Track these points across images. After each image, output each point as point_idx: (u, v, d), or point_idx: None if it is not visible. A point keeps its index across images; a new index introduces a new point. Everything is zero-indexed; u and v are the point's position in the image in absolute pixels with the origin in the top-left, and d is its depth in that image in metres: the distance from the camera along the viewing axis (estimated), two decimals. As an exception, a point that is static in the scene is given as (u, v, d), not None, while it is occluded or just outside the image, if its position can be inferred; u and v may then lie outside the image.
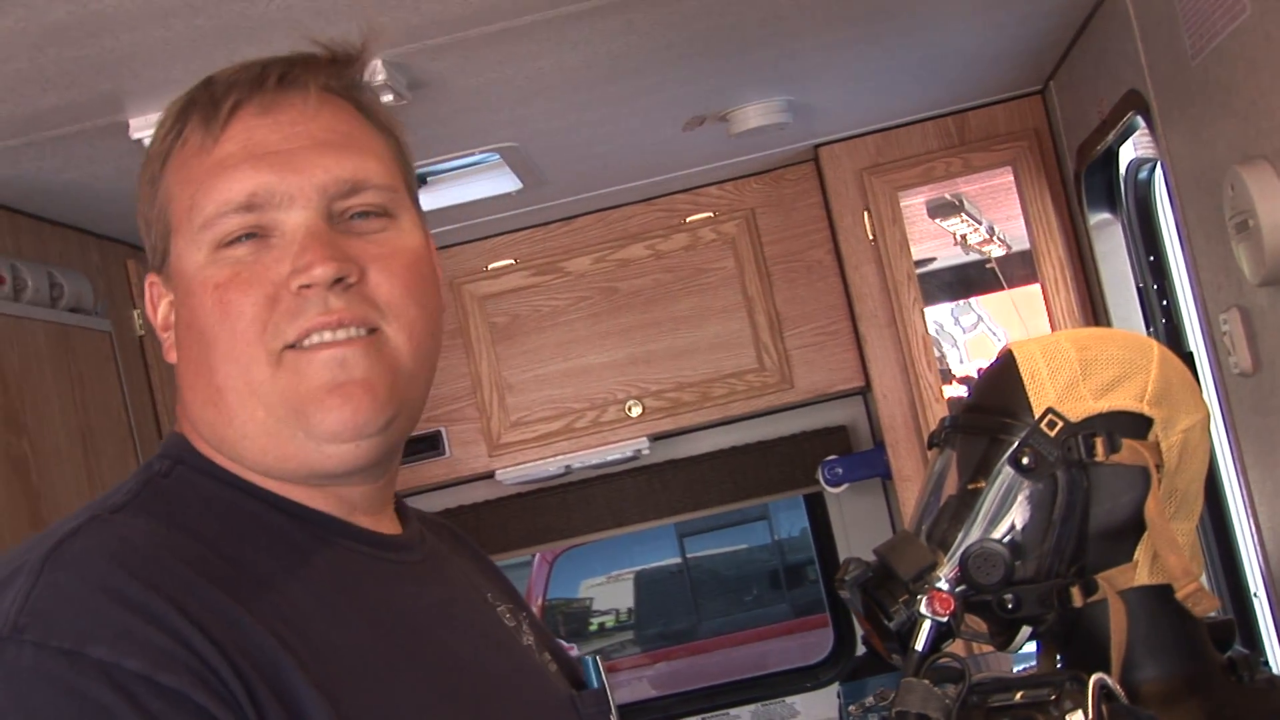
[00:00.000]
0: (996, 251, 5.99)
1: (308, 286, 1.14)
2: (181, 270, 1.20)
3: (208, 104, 1.19)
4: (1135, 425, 1.72)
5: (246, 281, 1.16)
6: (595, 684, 1.40)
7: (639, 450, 3.72)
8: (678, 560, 10.95)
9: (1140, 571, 1.73)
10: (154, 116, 2.23)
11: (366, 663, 1.12)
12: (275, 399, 1.16)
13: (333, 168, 1.18)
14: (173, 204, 1.20)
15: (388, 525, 1.29)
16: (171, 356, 1.25)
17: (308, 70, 1.21)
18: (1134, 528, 1.72)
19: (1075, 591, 1.71)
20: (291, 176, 1.16)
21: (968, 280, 6.74)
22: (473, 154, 2.96)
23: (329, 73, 1.22)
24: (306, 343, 1.15)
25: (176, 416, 1.26)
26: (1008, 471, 1.73)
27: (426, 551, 1.32)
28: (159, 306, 1.26)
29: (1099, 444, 1.70)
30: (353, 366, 1.15)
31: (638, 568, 10.73)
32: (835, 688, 3.96)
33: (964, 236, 5.52)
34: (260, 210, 1.16)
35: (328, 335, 1.15)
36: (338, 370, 1.15)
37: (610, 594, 10.61)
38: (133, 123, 2.30)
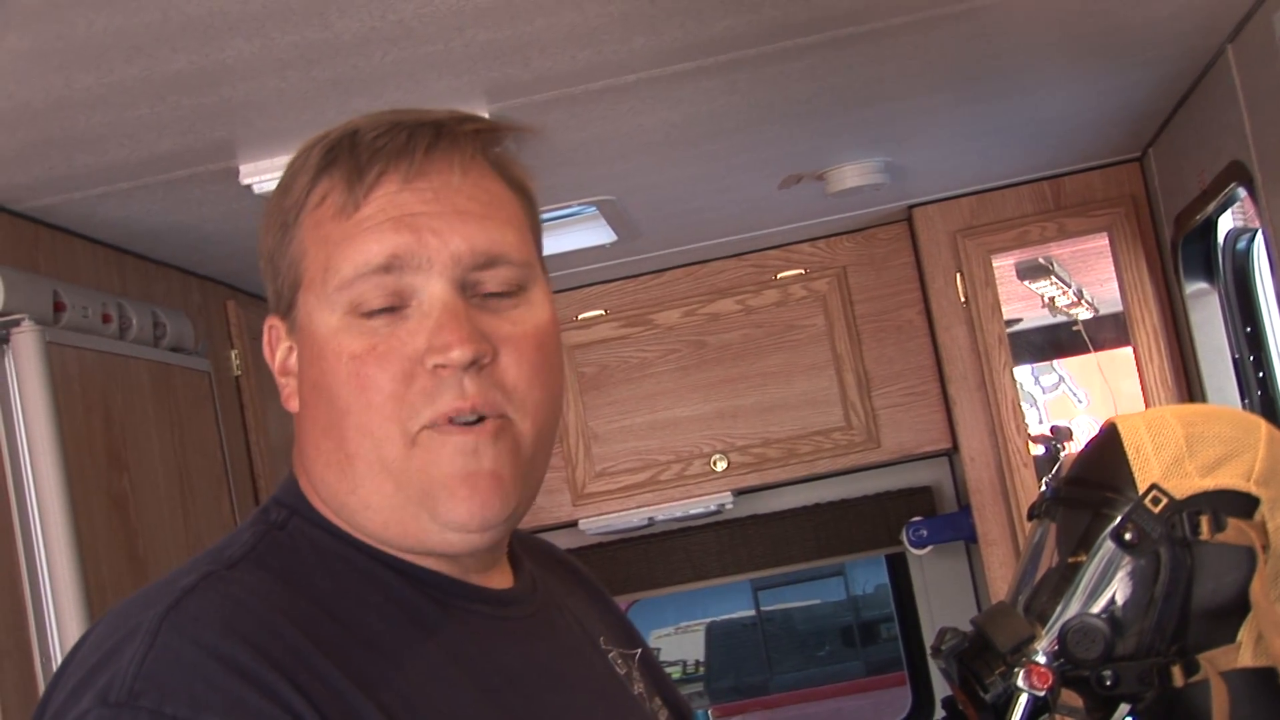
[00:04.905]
0: (1084, 314, 5.94)
1: (443, 366, 1.14)
2: (312, 330, 1.19)
3: (352, 168, 1.18)
4: (1241, 505, 1.70)
5: (383, 355, 1.15)
6: None
7: (723, 504, 3.72)
8: (751, 613, 10.89)
9: (1244, 653, 1.70)
10: (264, 163, 2.30)
11: None
12: (406, 478, 1.16)
13: (471, 237, 1.17)
14: (305, 259, 1.20)
15: (499, 578, 1.28)
16: (292, 405, 1.25)
17: (456, 143, 1.20)
18: (1238, 608, 1.70)
19: (1176, 671, 1.69)
20: (431, 239, 1.16)
21: (1054, 342, 6.70)
22: (570, 206, 2.98)
23: (475, 144, 1.21)
24: (440, 425, 1.15)
25: (294, 462, 1.26)
26: (1109, 546, 1.71)
27: (538, 603, 1.31)
28: (277, 350, 1.26)
29: (1204, 522, 1.68)
30: (483, 455, 1.15)
31: (710, 619, 10.69)
32: (913, 751, 3.93)
33: (1052, 299, 5.49)
34: (398, 273, 1.16)
35: (459, 419, 1.15)
36: (469, 458, 1.15)
37: (679, 645, 10.58)
38: (243, 169, 2.34)
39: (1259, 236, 3.04)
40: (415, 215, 1.17)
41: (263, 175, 2.34)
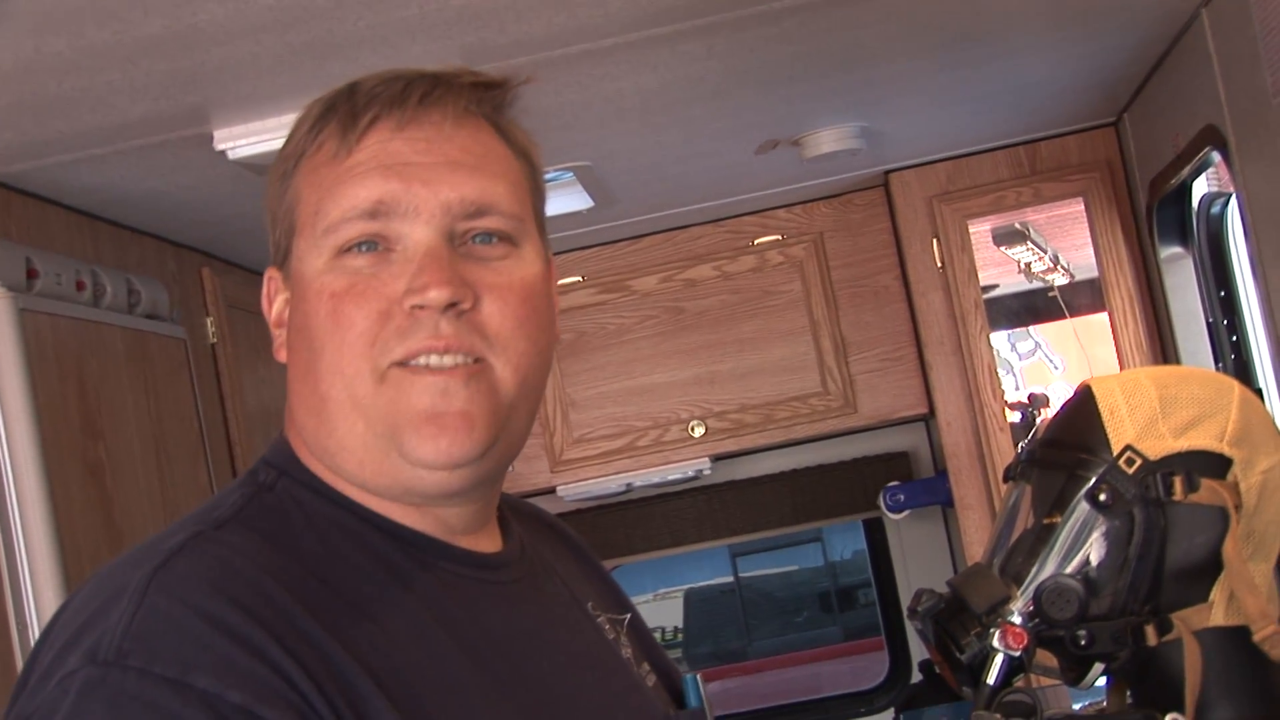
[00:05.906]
0: (1060, 280, 5.96)
1: (421, 308, 1.14)
2: (300, 273, 1.20)
3: (347, 114, 1.19)
4: (1214, 465, 1.71)
5: (361, 294, 1.16)
6: (695, 703, 1.37)
7: (700, 470, 3.72)
8: (729, 579, 10.92)
9: (1216, 612, 1.72)
10: (238, 129, 2.28)
11: (458, 696, 1.12)
12: (376, 415, 1.16)
13: (460, 186, 1.17)
14: (299, 205, 1.21)
15: (487, 542, 1.28)
16: (281, 355, 1.25)
17: (450, 91, 1.19)
18: (1211, 568, 1.71)
19: (1150, 630, 1.70)
20: (419, 188, 1.16)
21: (1030, 307, 6.71)
22: (547, 172, 2.97)
23: (471, 95, 1.21)
24: (412, 363, 1.15)
25: (285, 418, 1.26)
26: (1084, 507, 1.72)
27: (526, 567, 1.31)
28: (275, 302, 1.26)
29: (1178, 483, 1.69)
30: (453, 396, 1.15)
31: (688, 585, 10.71)
32: (890, 715, 3.95)
33: (1028, 264, 5.50)
34: (384, 219, 1.16)
35: (434, 359, 1.15)
36: (438, 398, 1.15)
37: (657, 611, 10.60)
38: (217, 134, 2.33)
39: (1233, 201, 3.05)
40: (406, 164, 1.17)
41: (237, 141, 2.33)
